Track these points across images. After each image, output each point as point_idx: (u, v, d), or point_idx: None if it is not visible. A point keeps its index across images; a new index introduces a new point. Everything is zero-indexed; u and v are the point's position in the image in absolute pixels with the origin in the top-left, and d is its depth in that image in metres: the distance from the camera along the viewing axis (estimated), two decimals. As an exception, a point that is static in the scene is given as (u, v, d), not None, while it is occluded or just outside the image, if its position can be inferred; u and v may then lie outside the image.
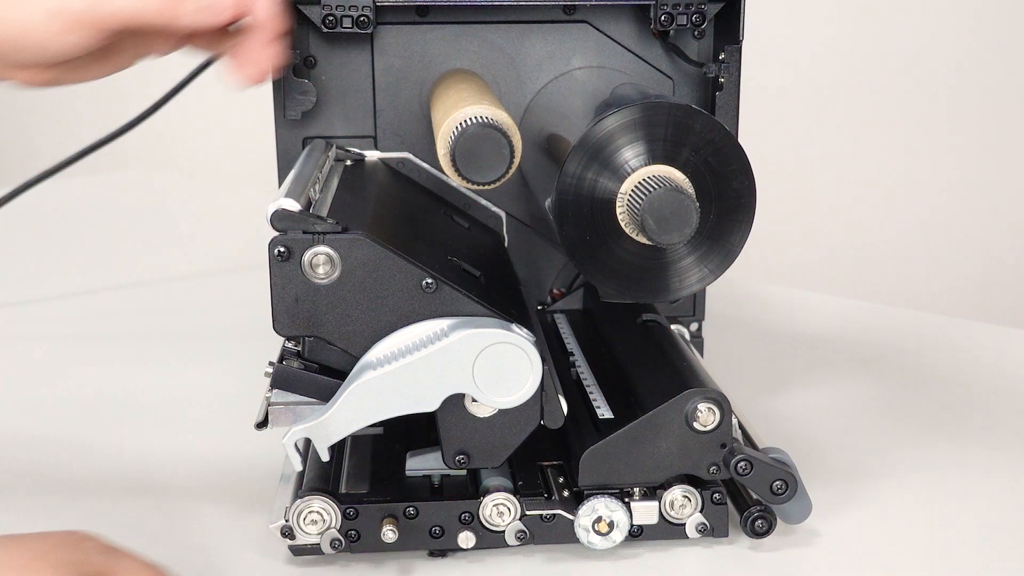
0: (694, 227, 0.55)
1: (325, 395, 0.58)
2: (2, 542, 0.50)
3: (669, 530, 0.61)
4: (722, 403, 0.59)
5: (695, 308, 0.80)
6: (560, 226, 0.59)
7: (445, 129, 0.59)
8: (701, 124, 0.57)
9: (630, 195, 0.57)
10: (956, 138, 2.09)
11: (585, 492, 0.60)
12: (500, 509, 0.60)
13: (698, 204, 0.55)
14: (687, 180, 0.57)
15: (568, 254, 0.59)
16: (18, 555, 0.49)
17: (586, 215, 0.58)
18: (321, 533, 0.59)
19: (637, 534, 0.61)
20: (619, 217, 0.57)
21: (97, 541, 0.53)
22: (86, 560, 0.50)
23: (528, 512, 0.60)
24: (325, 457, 0.57)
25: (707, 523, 0.61)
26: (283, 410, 0.59)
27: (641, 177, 0.57)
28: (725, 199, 0.58)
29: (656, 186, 0.55)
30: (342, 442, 0.65)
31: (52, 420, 0.80)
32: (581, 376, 0.69)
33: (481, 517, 0.60)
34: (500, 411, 0.58)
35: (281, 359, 0.60)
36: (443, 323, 0.57)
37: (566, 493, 0.61)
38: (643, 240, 0.57)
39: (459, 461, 0.59)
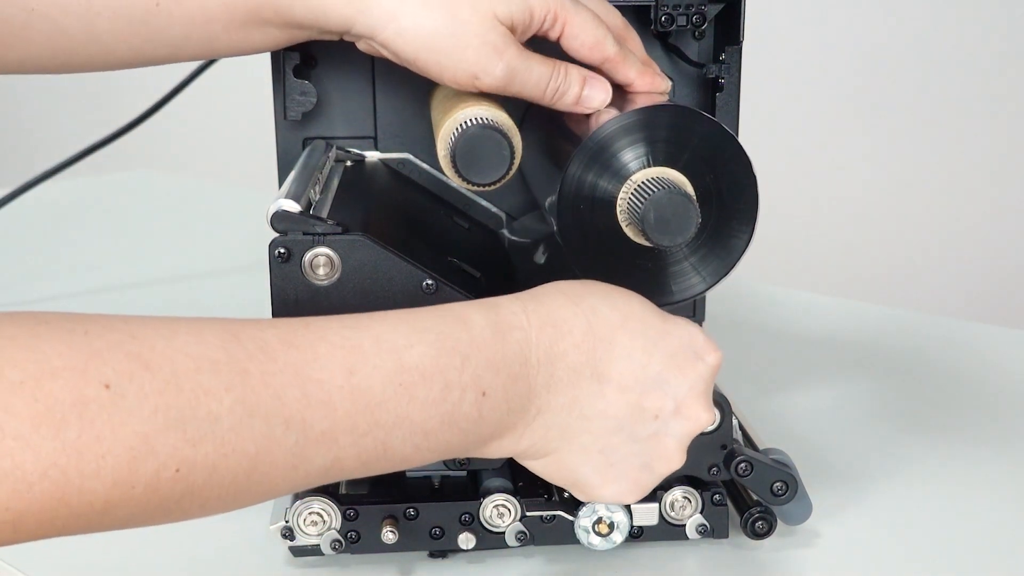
0: (695, 229, 0.55)
1: (325, 396, 0.58)
2: None
3: (669, 531, 0.61)
4: (723, 404, 0.59)
5: (695, 309, 0.80)
6: (561, 227, 0.59)
7: (445, 130, 0.59)
8: (702, 126, 0.57)
9: (631, 197, 0.57)
10: (957, 138, 2.09)
11: (585, 493, 0.60)
12: (500, 510, 0.60)
13: (698, 206, 0.55)
14: (688, 182, 0.57)
15: (569, 256, 0.59)
16: None
17: (587, 217, 0.58)
18: (321, 534, 0.59)
19: (637, 535, 0.61)
20: (620, 219, 0.57)
21: None
22: None
23: (528, 513, 0.60)
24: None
25: (707, 524, 0.61)
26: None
27: (642, 179, 0.57)
28: (726, 201, 0.58)
29: (657, 188, 0.55)
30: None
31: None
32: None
33: (481, 518, 0.60)
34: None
35: (281, 360, 0.60)
36: (443, 324, 0.57)
37: (566, 494, 0.61)
38: (644, 242, 0.57)
39: (460, 462, 0.59)
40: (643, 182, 0.56)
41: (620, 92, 0.64)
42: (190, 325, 0.45)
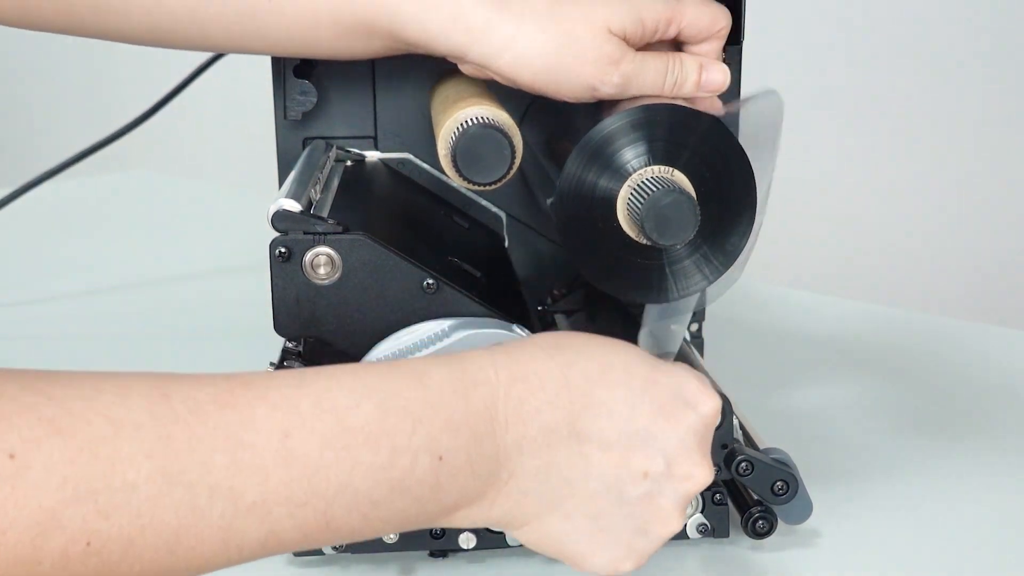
0: (694, 228, 0.55)
1: (326, 396, 0.58)
2: None
3: (669, 530, 0.61)
4: (723, 404, 0.59)
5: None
6: (560, 227, 0.59)
7: (446, 129, 0.59)
8: (702, 125, 0.57)
9: (630, 196, 0.57)
10: (957, 138, 2.09)
11: (586, 492, 0.60)
12: (501, 510, 0.60)
13: (698, 205, 0.55)
14: (688, 181, 0.57)
15: (568, 254, 0.59)
16: None
17: (586, 216, 0.58)
18: (322, 534, 0.59)
19: (637, 534, 0.61)
20: (619, 218, 0.57)
21: None
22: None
23: (529, 512, 0.60)
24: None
25: (708, 523, 0.61)
26: (284, 411, 0.59)
27: (642, 178, 0.57)
28: (726, 200, 0.58)
29: (656, 187, 0.55)
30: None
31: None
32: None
33: (482, 518, 0.60)
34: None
35: (281, 360, 0.60)
36: (444, 324, 0.57)
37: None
38: (643, 241, 0.57)
39: None
40: (643, 181, 0.56)
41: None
42: (118, 383, 0.42)
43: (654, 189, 0.55)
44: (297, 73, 0.72)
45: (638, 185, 0.56)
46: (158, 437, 0.40)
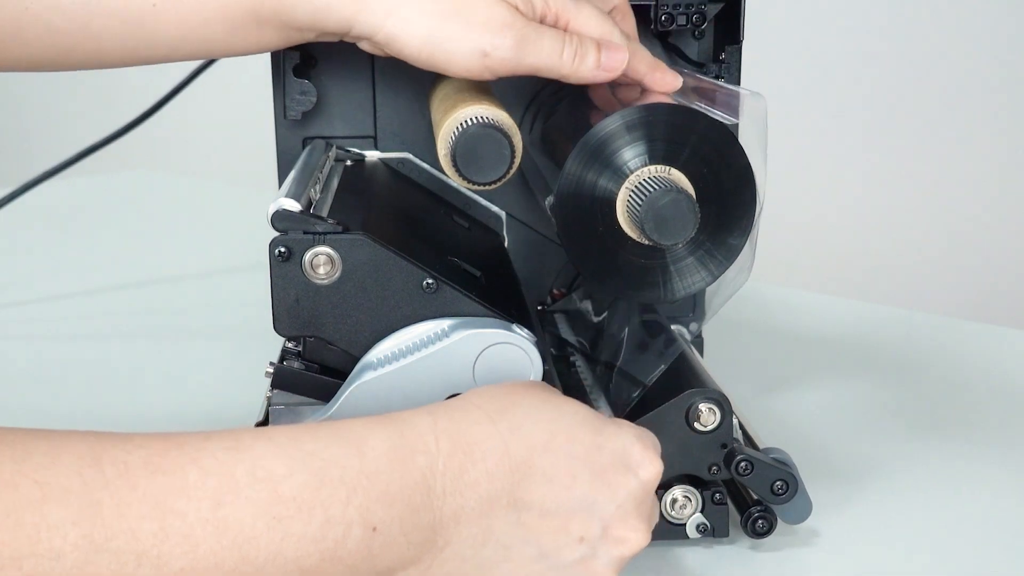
0: (694, 228, 0.55)
1: (326, 395, 0.58)
2: None
3: (669, 530, 0.61)
4: (723, 403, 0.59)
5: (695, 308, 0.80)
6: (560, 226, 0.59)
7: (446, 129, 0.59)
8: (701, 124, 0.57)
9: (630, 196, 0.57)
10: (957, 138, 2.09)
11: (585, 492, 0.60)
12: (500, 509, 0.60)
13: (698, 205, 0.55)
14: (687, 181, 0.57)
15: (568, 254, 0.59)
16: None
17: (586, 215, 0.58)
18: (321, 533, 0.59)
19: (637, 534, 0.61)
20: (619, 218, 0.57)
21: None
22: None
23: (528, 512, 0.60)
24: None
25: (707, 523, 0.61)
26: (284, 410, 0.59)
27: (641, 178, 0.57)
28: (725, 200, 0.58)
29: (656, 187, 0.55)
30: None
31: (52, 420, 0.80)
32: (581, 376, 0.69)
33: (481, 517, 0.60)
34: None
35: (281, 359, 0.60)
36: (444, 323, 0.57)
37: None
38: (643, 240, 0.57)
39: None
40: (642, 181, 0.56)
41: (625, 92, 0.64)
42: (51, 443, 0.41)
43: (653, 189, 0.55)
44: (297, 73, 0.72)
45: (637, 185, 0.56)
46: (87, 503, 0.40)
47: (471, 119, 0.58)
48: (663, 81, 0.62)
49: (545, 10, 0.59)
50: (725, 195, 0.58)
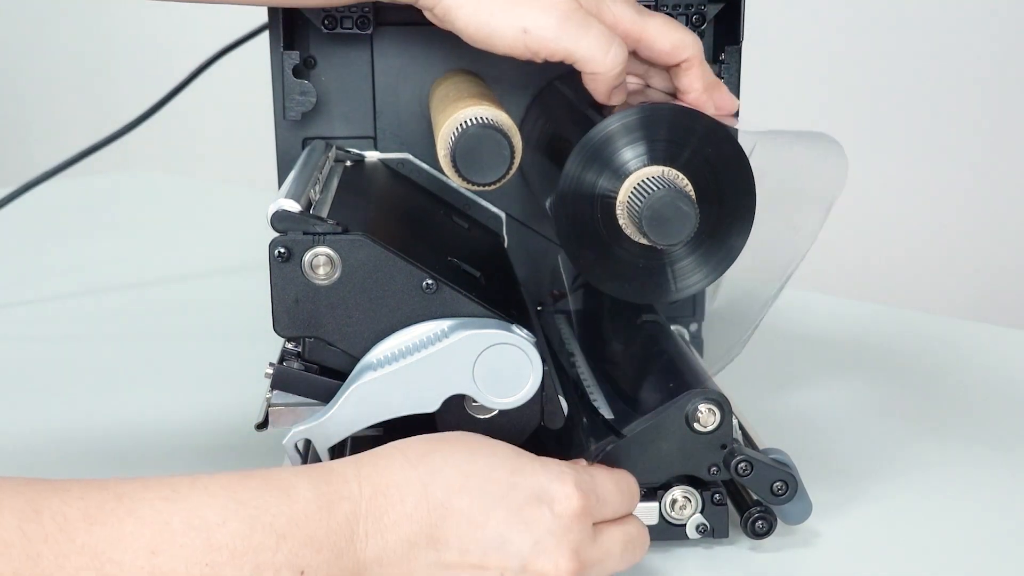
0: (693, 228, 0.55)
1: (325, 396, 0.58)
2: None
3: (669, 531, 0.61)
4: (722, 404, 0.59)
5: (695, 308, 0.80)
6: (560, 227, 0.59)
7: (445, 130, 0.59)
8: (701, 125, 0.57)
9: (630, 196, 0.57)
10: (957, 138, 2.09)
11: (585, 493, 0.60)
12: (500, 510, 0.60)
13: (697, 205, 0.55)
14: (687, 181, 0.57)
15: (568, 254, 0.59)
16: None
17: (586, 216, 0.58)
18: (321, 534, 0.59)
19: (637, 535, 0.61)
20: (619, 218, 0.57)
21: None
22: None
23: (528, 513, 0.60)
24: (326, 459, 0.57)
25: (707, 524, 0.61)
26: (283, 411, 0.59)
27: (641, 178, 0.57)
28: (725, 200, 0.58)
29: (656, 187, 0.55)
30: (342, 443, 0.65)
31: (51, 420, 0.80)
32: (581, 376, 0.69)
33: (481, 518, 0.60)
34: (500, 412, 0.58)
35: (281, 360, 0.60)
36: (443, 324, 0.57)
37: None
38: (643, 241, 0.57)
39: None
40: (642, 181, 0.56)
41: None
42: None
43: (653, 189, 0.55)
44: (297, 73, 0.72)
45: (637, 185, 0.56)
46: (27, 556, 0.42)
47: (471, 120, 0.58)
48: (720, 101, 0.63)
49: (605, 13, 0.59)
50: (725, 195, 0.58)
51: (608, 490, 0.55)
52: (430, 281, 0.57)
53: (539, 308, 0.80)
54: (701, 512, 0.61)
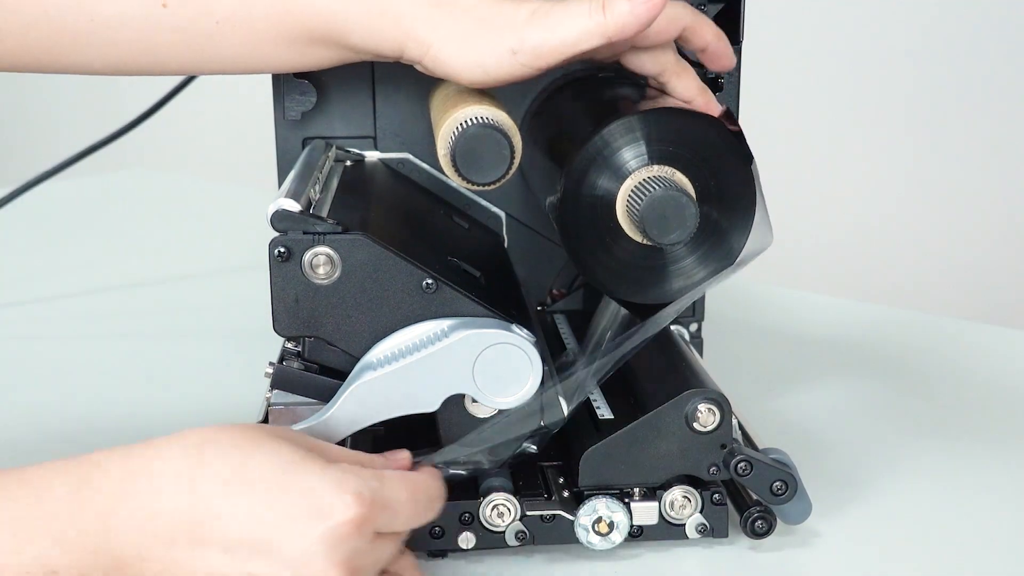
0: (694, 228, 0.55)
1: (325, 396, 0.58)
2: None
3: (669, 531, 0.61)
4: (722, 404, 0.59)
5: (695, 308, 0.80)
6: (560, 226, 0.59)
7: (445, 129, 0.59)
8: (701, 125, 0.57)
9: (630, 195, 0.57)
10: (957, 138, 2.09)
11: (585, 492, 0.60)
12: (500, 510, 0.60)
13: (698, 205, 0.55)
14: (687, 181, 0.57)
15: (568, 254, 0.59)
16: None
17: (586, 215, 0.58)
18: (321, 533, 0.59)
19: (637, 535, 0.61)
20: (619, 217, 0.57)
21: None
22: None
23: (528, 513, 0.60)
24: (325, 458, 0.57)
25: (707, 523, 0.61)
26: (283, 411, 0.59)
27: (641, 178, 0.57)
28: (725, 199, 0.58)
29: (656, 187, 0.55)
30: (342, 443, 0.65)
31: (51, 420, 0.80)
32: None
33: (481, 517, 0.60)
34: (500, 412, 0.58)
35: (281, 359, 0.60)
36: (443, 323, 0.57)
37: (566, 493, 0.61)
38: (643, 240, 0.57)
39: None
40: (642, 180, 0.56)
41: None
42: None
43: (653, 188, 0.55)
44: (296, 73, 0.72)
45: (637, 185, 0.56)
46: None
47: (471, 119, 0.58)
48: (707, 105, 0.62)
49: None
50: (725, 195, 0.58)
51: (399, 500, 0.52)
52: (430, 281, 0.57)
53: (539, 308, 0.80)
54: (701, 512, 0.61)
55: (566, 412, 0.59)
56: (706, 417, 0.59)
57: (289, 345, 0.60)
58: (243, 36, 0.60)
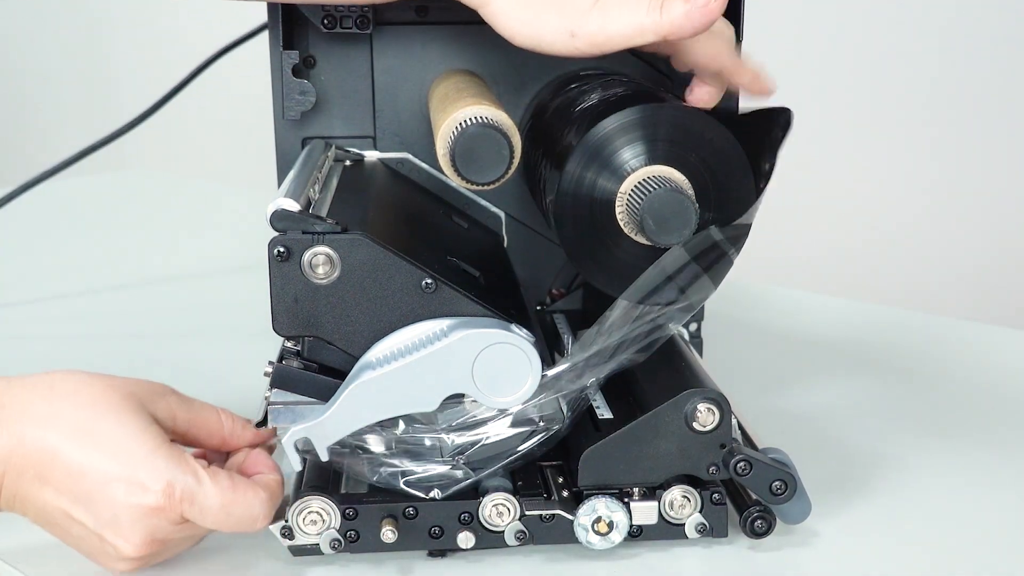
0: (693, 228, 0.55)
1: (325, 395, 0.58)
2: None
3: (668, 530, 0.61)
4: (721, 403, 0.59)
5: (695, 308, 0.80)
6: (560, 226, 0.59)
7: (445, 129, 0.59)
8: (701, 124, 0.57)
9: (630, 195, 0.57)
10: (957, 138, 2.09)
11: (585, 492, 0.60)
12: (500, 509, 0.60)
13: (697, 205, 0.55)
14: (687, 180, 0.57)
15: (568, 254, 0.59)
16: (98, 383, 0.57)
17: (586, 215, 0.58)
18: (320, 533, 0.59)
19: (636, 534, 0.61)
20: (619, 217, 0.57)
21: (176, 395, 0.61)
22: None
23: (528, 512, 0.60)
24: (324, 457, 0.57)
25: (706, 523, 0.61)
26: (282, 410, 0.59)
27: (641, 177, 0.57)
28: (725, 199, 0.58)
29: (655, 186, 0.55)
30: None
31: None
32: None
33: (481, 517, 0.60)
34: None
35: (280, 359, 0.60)
36: (443, 323, 0.57)
37: (566, 493, 0.61)
38: (643, 240, 0.57)
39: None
40: (642, 180, 0.56)
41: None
42: None
43: (653, 188, 0.55)
44: (296, 73, 0.72)
45: (637, 184, 0.56)
46: None
47: (470, 119, 0.58)
48: (762, 88, 0.64)
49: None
50: (724, 195, 0.58)
51: (209, 505, 0.56)
52: (429, 280, 0.57)
53: (539, 308, 0.80)
54: (700, 512, 0.61)
55: (565, 412, 0.59)
56: (705, 417, 0.59)
57: (289, 344, 0.60)
58: None
